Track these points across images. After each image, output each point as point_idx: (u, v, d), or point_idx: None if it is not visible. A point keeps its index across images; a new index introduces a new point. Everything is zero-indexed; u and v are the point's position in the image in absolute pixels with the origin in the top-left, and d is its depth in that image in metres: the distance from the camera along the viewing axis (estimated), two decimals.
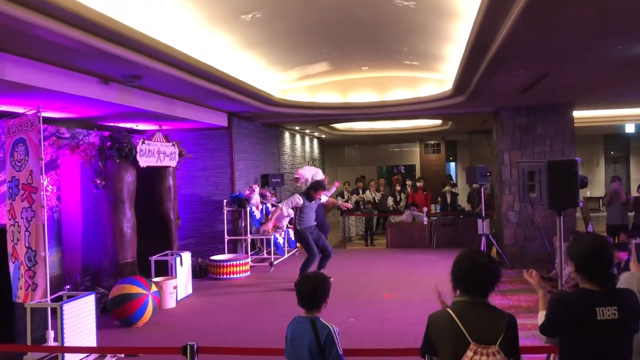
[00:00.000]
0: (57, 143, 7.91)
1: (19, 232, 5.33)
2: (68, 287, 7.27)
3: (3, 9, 3.64)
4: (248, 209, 10.22)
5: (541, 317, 2.84)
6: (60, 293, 5.76)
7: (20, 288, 5.35)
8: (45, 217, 5.25)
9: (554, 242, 6.60)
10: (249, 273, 9.62)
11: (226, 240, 10.27)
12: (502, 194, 10.54)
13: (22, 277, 5.33)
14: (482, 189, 10.24)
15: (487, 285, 2.56)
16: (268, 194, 11.47)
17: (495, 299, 7.53)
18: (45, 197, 5.28)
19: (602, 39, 5.46)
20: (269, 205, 11.10)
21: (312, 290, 3.09)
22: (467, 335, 2.43)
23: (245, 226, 10.42)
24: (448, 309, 2.54)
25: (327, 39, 7.38)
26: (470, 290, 2.55)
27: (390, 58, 8.68)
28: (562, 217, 4.22)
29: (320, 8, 5.92)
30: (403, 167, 20.50)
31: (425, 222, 12.50)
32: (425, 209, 13.09)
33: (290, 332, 3.10)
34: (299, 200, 8.39)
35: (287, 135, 14.75)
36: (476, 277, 2.55)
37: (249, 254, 10.41)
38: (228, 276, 9.32)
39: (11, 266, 5.44)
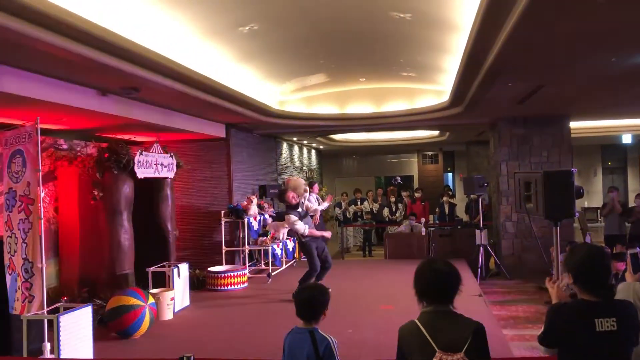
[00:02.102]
0: (55, 154, 7.91)
1: (16, 244, 5.32)
2: (65, 299, 7.24)
3: (2, 22, 3.66)
4: (246, 220, 10.21)
5: None
6: (57, 305, 5.74)
7: (17, 300, 5.34)
8: (43, 228, 5.24)
9: (551, 253, 6.61)
10: (246, 284, 9.59)
11: (224, 251, 10.25)
12: (500, 205, 10.56)
13: (19, 288, 5.32)
14: (480, 199, 10.26)
15: (449, 292, 2.59)
16: (266, 205, 11.46)
17: (494, 310, 7.53)
18: (42, 209, 5.28)
19: (596, 52, 5.51)
20: (266, 215, 11.09)
21: (311, 301, 3.08)
22: (432, 343, 2.46)
23: (243, 237, 10.40)
24: (415, 320, 2.58)
25: (324, 50, 7.42)
26: (434, 299, 2.59)
27: (387, 69, 8.73)
28: (559, 228, 4.23)
29: (317, 20, 5.96)
30: (400, 178, 20.53)
31: (424, 233, 12.49)
32: (423, 220, 13.10)
33: (288, 343, 3.09)
34: (293, 217, 8.18)
35: (285, 146, 14.78)
36: (437, 286, 2.60)
37: (247, 265, 10.38)
38: (226, 287, 9.29)
39: (8, 278, 5.43)
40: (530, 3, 3.83)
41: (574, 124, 10.85)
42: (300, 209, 8.34)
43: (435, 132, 15.16)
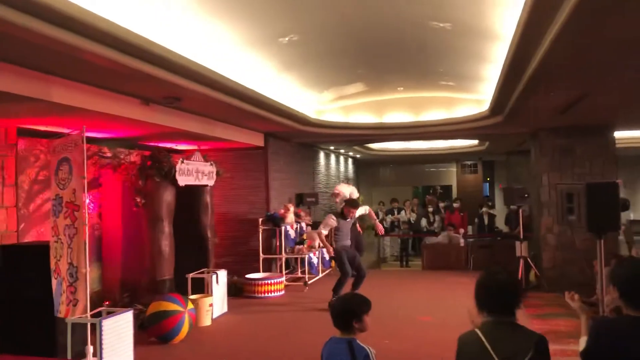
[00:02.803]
0: (100, 162, 8.14)
1: (62, 249, 5.48)
2: (107, 303, 7.41)
3: (52, 35, 3.80)
4: (283, 228, 10.28)
5: (582, 342, 2.77)
6: (99, 309, 5.88)
7: (62, 303, 5.48)
8: (87, 234, 5.38)
9: (595, 266, 6.43)
10: (283, 292, 9.64)
11: (261, 258, 10.33)
12: (541, 216, 10.33)
13: (64, 292, 5.47)
14: (520, 210, 10.07)
15: (512, 304, 2.55)
16: (303, 213, 11.51)
17: (535, 323, 7.36)
18: (87, 215, 5.42)
19: None
20: (303, 224, 11.14)
21: (348, 311, 3.07)
22: (493, 354, 2.42)
23: (280, 245, 10.46)
24: (476, 329, 2.54)
25: (363, 60, 7.44)
26: (496, 310, 2.55)
27: (425, 78, 8.69)
28: (602, 241, 4.12)
29: (355, 30, 5.99)
30: (439, 188, 20.28)
31: (462, 244, 12.32)
32: (462, 231, 12.92)
33: (326, 352, 3.08)
34: (332, 221, 8.47)
35: (321, 154, 14.82)
36: (500, 297, 2.55)
37: (284, 272, 10.43)
38: (263, 295, 9.36)
39: (54, 282, 5.59)
40: (574, 10, 3.76)
41: (619, 134, 10.54)
42: (348, 220, 8.57)
43: (475, 142, 14.96)
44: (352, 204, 8.73)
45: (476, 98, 9.34)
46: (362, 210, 9.16)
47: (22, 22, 3.54)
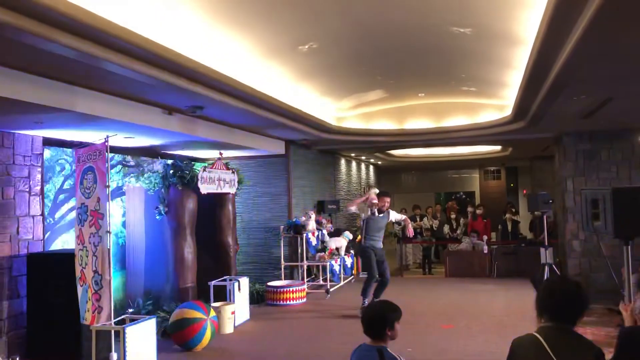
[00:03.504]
0: (123, 171, 8.25)
1: (87, 257, 5.56)
2: (131, 310, 7.49)
3: (77, 46, 3.88)
4: (304, 235, 10.28)
5: None
6: (123, 316, 5.95)
7: (88, 310, 5.56)
8: (111, 242, 5.45)
9: (622, 273, 6.30)
10: (305, 299, 9.63)
11: (283, 266, 10.35)
12: (566, 222, 10.18)
13: (89, 299, 5.54)
14: (545, 216, 9.93)
15: (577, 313, 2.53)
16: (324, 220, 11.50)
17: None
18: (110, 223, 5.50)
19: None
20: (324, 231, 11.13)
21: (382, 319, 3.05)
22: (555, 358, 2.39)
23: (302, 252, 10.47)
24: (534, 333, 2.50)
25: (383, 66, 7.43)
26: (559, 318, 2.52)
27: (447, 84, 8.64)
28: (630, 247, 4.03)
29: (375, 36, 5.99)
30: (462, 194, 20.07)
31: (486, 251, 12.18)
32: (485, 237, 12.78)
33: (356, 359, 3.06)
34: (374, 196, 8.37)
35: (342, 161, 14.81)
36: (566, 306, 2.53)
37: (305, 280, 10.43)
38: (285, 302, 9.36)
39: (79, 289, 5.67)
40: (597, 13, 3.71)
41: None
42: (380, 215, 8.42)
43: (498, 148, 14.80)
44: (384, 193, 8.61)
45: (498, 103, 9.25)
46: (398, 216, 9.07)
47: (49, 34, 3.62)
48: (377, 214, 8.39)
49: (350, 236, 11.35)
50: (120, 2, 4.05)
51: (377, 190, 8.46)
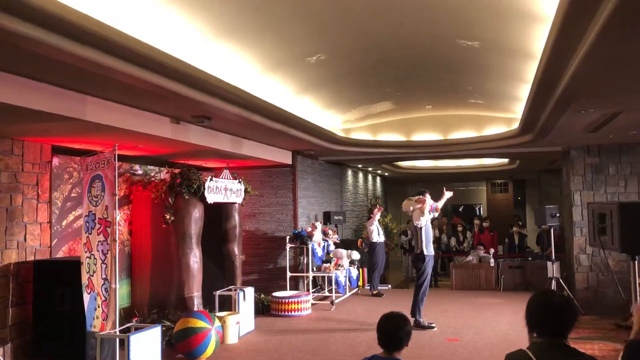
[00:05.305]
0: (131, 179, 8.29)
1: (95, 264, 5.58)
2: (136, 319, 7.50)
3: (86, 55, 3.92)
4: (310, 245, 10.27)
5: None
6: (128, 325, 5.95)
7: (97, 318, 5.57)
8: (117, 250, 5.48)
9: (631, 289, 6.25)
10: (310, 311, 9.60)
11: (288, 276, 10.33)
12: (573, 236, 10.12)
13: (99, 307, 5.56)
14: (552, 230, 9.88)
15: (564, 326, 2.50)
16: (330, 231, 11.50)
17: None
18: (117, 231, 5.52)
19: None
20: (330, 242, 11.12)
21: (396, 331, 3.03)
22: None
23: (307, 263, 10.46)
24: (526, 349, 2.49)
25: (390, 78, 7.45)
26: (547, 332, 2.49)
27: (454, 97, 8.65)
28: (637, 262, 4.02)
29: (383, 48, 6.01)
30: (474, 206, 19.96)
31: (492, 264, 12.13)
32: (492, 250, 12.72)
33: None
34: (429, 199, 8.19)
35: (349, 172, 14.83)
36: (551, 319, 2.50)
37: (311, 291, 10.41)
38: (289, 313, 9.34)
39: (86, 297, 5.69)
40: (604, 28, 3.71)
41: None
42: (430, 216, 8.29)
43: (505, 160, 14.78)
44: (420, 192, 8.48)
45: (506, 116, 9.25)
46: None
47: (58, 43, 3.66)
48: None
49: (358, 257, 11.37)
50: (132, 14, 4.09)
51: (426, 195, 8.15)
